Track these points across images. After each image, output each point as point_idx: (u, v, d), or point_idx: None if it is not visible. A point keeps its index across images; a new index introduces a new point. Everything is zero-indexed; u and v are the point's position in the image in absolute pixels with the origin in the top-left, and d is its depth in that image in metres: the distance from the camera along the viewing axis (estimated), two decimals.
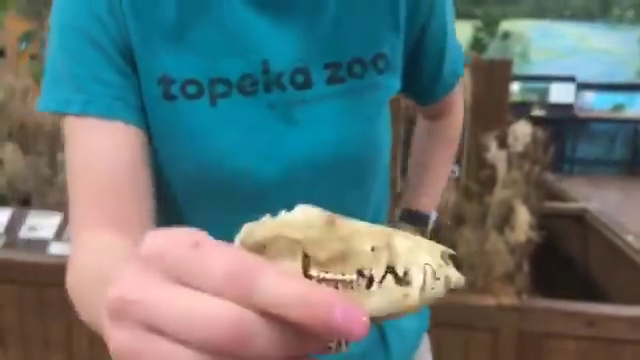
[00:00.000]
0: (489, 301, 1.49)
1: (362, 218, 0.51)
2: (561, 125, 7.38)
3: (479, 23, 4.01)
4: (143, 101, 0.55)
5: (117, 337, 0.23)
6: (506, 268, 1.62)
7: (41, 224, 1.74)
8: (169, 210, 0.58)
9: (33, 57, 3.53)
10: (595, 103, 7.50)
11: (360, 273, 0.22)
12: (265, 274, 0.21)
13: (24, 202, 2.18)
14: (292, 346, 0.21)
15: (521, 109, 7.50)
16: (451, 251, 0.25)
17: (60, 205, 2.15)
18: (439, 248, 0.24)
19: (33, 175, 2.15)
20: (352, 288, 0.22)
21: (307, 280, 0.22)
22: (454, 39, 0.69)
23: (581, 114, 7.41)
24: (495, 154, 1.52)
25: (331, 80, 0.57)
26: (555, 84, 7.37)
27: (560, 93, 7.32)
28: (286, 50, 0.55)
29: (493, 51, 7.23)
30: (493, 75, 1.89)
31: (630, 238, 2.07)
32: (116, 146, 0.52)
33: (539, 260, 2.64)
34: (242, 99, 0.55)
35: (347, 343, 0.22)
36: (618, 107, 7.42)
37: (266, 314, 0.21)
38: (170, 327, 0.21)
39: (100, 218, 0.50)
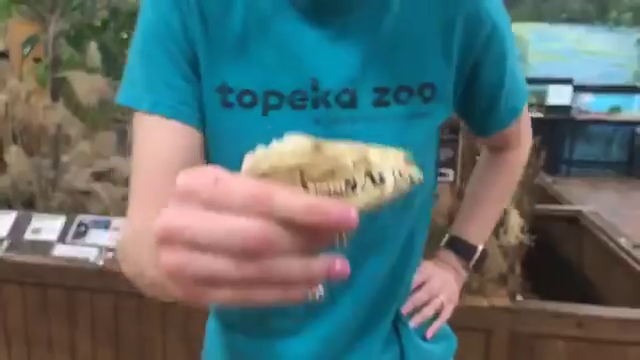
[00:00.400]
0: (482, 302, 1.52)
1: (395, 236, 0.56)
2: (559, 127, 7.43)
3: None
4: (202, 106, 0.60)
5: (166, 259, 0.28)
6: (499, 270, 1.66)
7: (45, 227, 1.78)
8: None
9: (36, 60, 3.56)
10: (592, 105, 7.55)
11: (347, 182, 0.29)
12: (278, 194, 0.26)
13: (28, 204, 2.22)
14: (306, 244, 0.27)
15: None
16: (410, 155, 0.31)
17: (63, 207, 2.19)
18: (402, 154, 0.31)
19: (37, 177, 2.19)
20: (342, 194, 0.29)
21: (308, 193, 0.28)
22: (516, 76, 0.69)
23: (578, 116, 7.46)
24: None
25: (377, 103, 0.60)
26: (553, 86, 7.41)
27: (558, 95, 7.36)
28: (337, 70, 0.59)
29: None
30: None
31: (622, 240, 2.11)
32: (174, 144, 0.57)
33: (535, 261, 2.68)
34: (291, 112, 0.59)
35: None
36: (615, 109, 7.47)
37: (283, 223, 0.26)
38: (211, 243, 0.26)
39: (152, 209, 0.55)
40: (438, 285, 0.78)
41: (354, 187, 0.29)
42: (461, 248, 0.81)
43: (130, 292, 1.69)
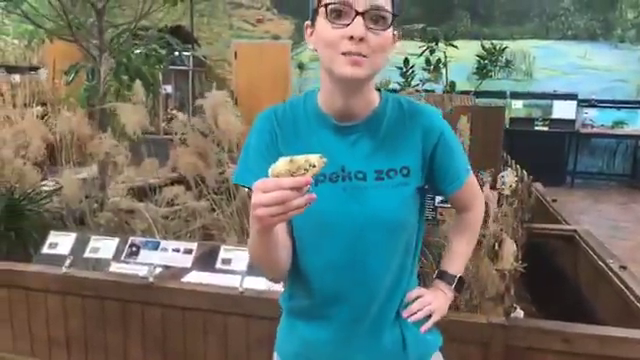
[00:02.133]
0: (481, 319, 1.69)
1: (390, 258, 1.08)
2: (563, 139, 7.60)
3: (484, 48, 4.27)
4: None
5: (256, 212, 0.80)
6: (497, 291, 1.86)
7: (102, 247, 2.00)
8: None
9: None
10: (596, 119, 7.69)
11: (304, 169, 0.78)
12: (284, 181, 0.78)
13: (80, 221, 2.47)
14: (297, 194, 0.78)
15: (526, 124, 7.74)
16: (322, 155, 0.80)
17: (110, 224, 2.44)
18: (320, 155, 0.80)
19: (87, 198, 2.44)
20: (304, 174, 0.78)
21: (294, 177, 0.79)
22: (458, 162, 1.11)
23: (583, 129, 7.61)
24: (487, 194, 1.78)
25: (376, 178, 1.03)
26: (558, 100, 7.58)
27: (563, 109, 7.52)
28: (355, 161, 1.04)
29: (497, 73, 7.45)
30: (488, 119, 2.16)
31: (610, 261, 2.26)
32: None
33: (536, 276, 2.84)
34: (330, 184, 1.03)
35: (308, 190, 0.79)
36: (619, 123, 7.61)
37: (289, 189, 0.77)
38: (268, 203, 0.78)
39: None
40: (429, 299, 1.16)
41: (307, 170, 0.77)
42: (445, 277, 1.22)
43: (175, 305, 1.93)
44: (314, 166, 0.78)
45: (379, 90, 1.10)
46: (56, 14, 2.92)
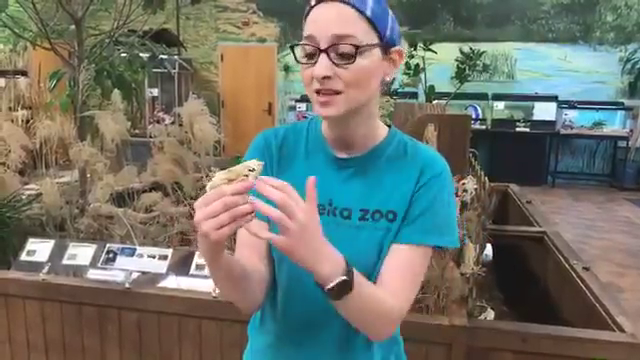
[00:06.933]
0: (444, 321, 1.76)
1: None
2: (544, 140, 7.73)
3: (462, 52, 4.34)
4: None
5: (200, 232, 0.73)
6: (461, 293, 1.94)
7: (79, 253, 2.04)
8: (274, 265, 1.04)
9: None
10: (576, 120, 7.82)
11: (245, 175, 0.73)
12: (225, 188, 0.71)
13: (60, 227, 2.51)
14: (242, 199, 0.72)
15: (507, 125, 7.86)
16: (260, 159, 0.77)
17: (90, 229, 2.49)
18: (259, 162, 0.76)
19: (67, 204, 2.48)
20: (244, 180, 0.73)
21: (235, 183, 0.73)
22: (429, 220, 0.94)
23: (563, 130, 7.73)
24: None
25: (360, 218, 0.96)
26: (539, 102, 7.71)
27: (544, 110, 7.65)
28: (343, 197, 0.98)
29: (479, 76, 7.55)
30: (455, 127, 2.23)
31: (575, 262, 2.33)
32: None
33: (508, 276, 2.92)
34: None
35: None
36: (598, 124, 7.74)
37: (233, 195, 0.71)
38: (212, 213, 0.71)
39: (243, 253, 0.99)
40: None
41: (246, 176, 0.73)
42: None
43: (151, 310, 1.99)
44: (253, 170, 0.74)
45: (390, 126, 1.04)
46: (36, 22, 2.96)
